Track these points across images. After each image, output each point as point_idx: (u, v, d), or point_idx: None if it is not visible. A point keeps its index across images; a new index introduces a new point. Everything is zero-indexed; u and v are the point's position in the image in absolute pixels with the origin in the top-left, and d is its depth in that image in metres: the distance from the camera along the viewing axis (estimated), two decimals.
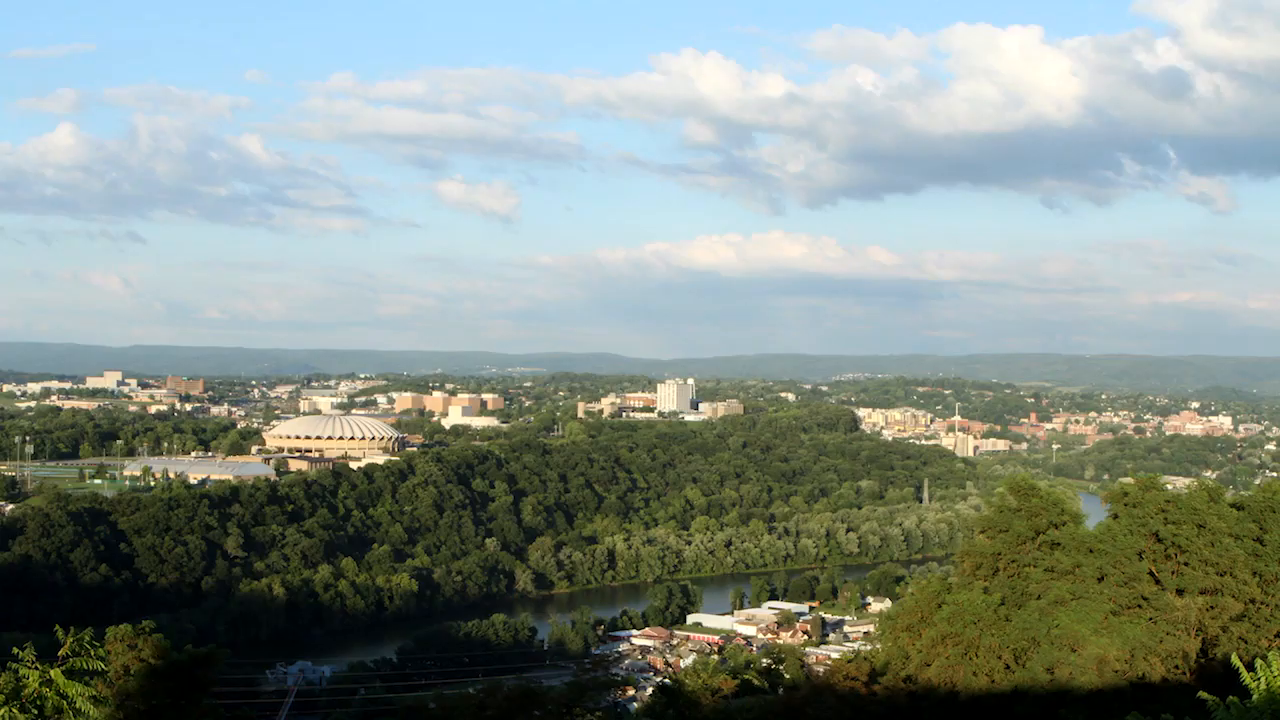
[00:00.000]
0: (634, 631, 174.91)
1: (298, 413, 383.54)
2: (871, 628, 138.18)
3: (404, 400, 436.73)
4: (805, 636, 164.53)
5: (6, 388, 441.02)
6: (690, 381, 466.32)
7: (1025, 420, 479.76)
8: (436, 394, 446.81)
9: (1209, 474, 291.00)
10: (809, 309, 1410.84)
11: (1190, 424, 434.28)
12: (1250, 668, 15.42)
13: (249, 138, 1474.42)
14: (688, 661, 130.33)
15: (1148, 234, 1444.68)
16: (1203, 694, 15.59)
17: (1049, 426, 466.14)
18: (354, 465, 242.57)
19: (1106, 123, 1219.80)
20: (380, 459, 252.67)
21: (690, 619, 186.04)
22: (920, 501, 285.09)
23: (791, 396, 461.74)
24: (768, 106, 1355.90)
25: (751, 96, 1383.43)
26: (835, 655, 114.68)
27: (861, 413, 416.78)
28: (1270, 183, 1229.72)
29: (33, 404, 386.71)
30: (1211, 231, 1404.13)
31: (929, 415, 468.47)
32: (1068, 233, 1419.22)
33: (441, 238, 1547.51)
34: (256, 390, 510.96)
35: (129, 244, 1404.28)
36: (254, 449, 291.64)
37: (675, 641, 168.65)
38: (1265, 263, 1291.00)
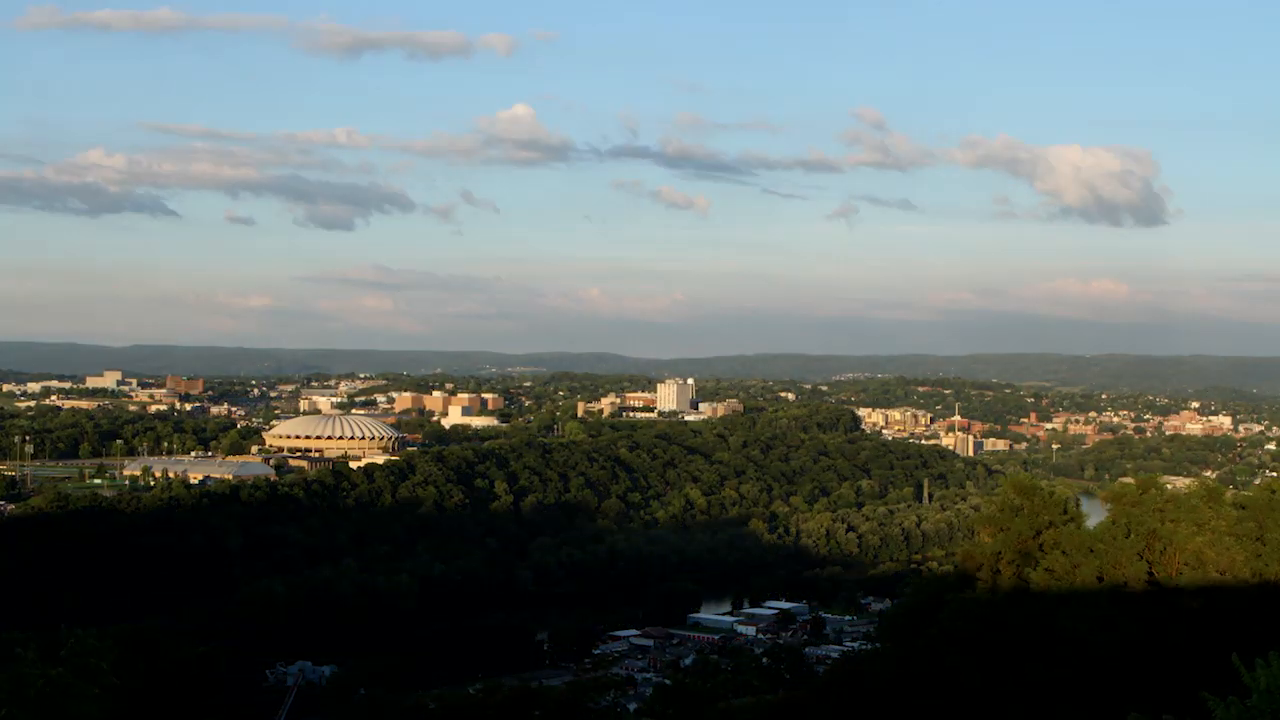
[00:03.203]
0: (634, 631, 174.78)
1: (298, 412, 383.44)
2: (871, 628, 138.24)
3: (404, 400, 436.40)
4: (805, 636, 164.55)
5: (6, 388, 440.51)
6: (690, 381, 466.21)
7: (1025, 420, 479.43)
8: (436, 394, 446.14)
9: (1209, 474, 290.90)
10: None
11: (1190, 424, 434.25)
12: (1250, 668, 15.44)
13: None
14: (688, 661, 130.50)
15: None
16: (1203, 694, 15.62)
17: (1049, 426, 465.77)
18: (354, 465, 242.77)
19: None
20: (380, 459, 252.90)
21: (690, 619, 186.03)
22: (920, 501, 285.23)
23: (791, 396, 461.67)
24: None
25: None
26: (835, 655, 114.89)
27: (861, 413, 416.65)
28: None
29: (33, 404, 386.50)
30: None
31: (929, 415, 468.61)
32: None
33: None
34: (256, 390, 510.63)
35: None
36: (254, 449, 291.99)
37: (675, 641, 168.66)
38: None
